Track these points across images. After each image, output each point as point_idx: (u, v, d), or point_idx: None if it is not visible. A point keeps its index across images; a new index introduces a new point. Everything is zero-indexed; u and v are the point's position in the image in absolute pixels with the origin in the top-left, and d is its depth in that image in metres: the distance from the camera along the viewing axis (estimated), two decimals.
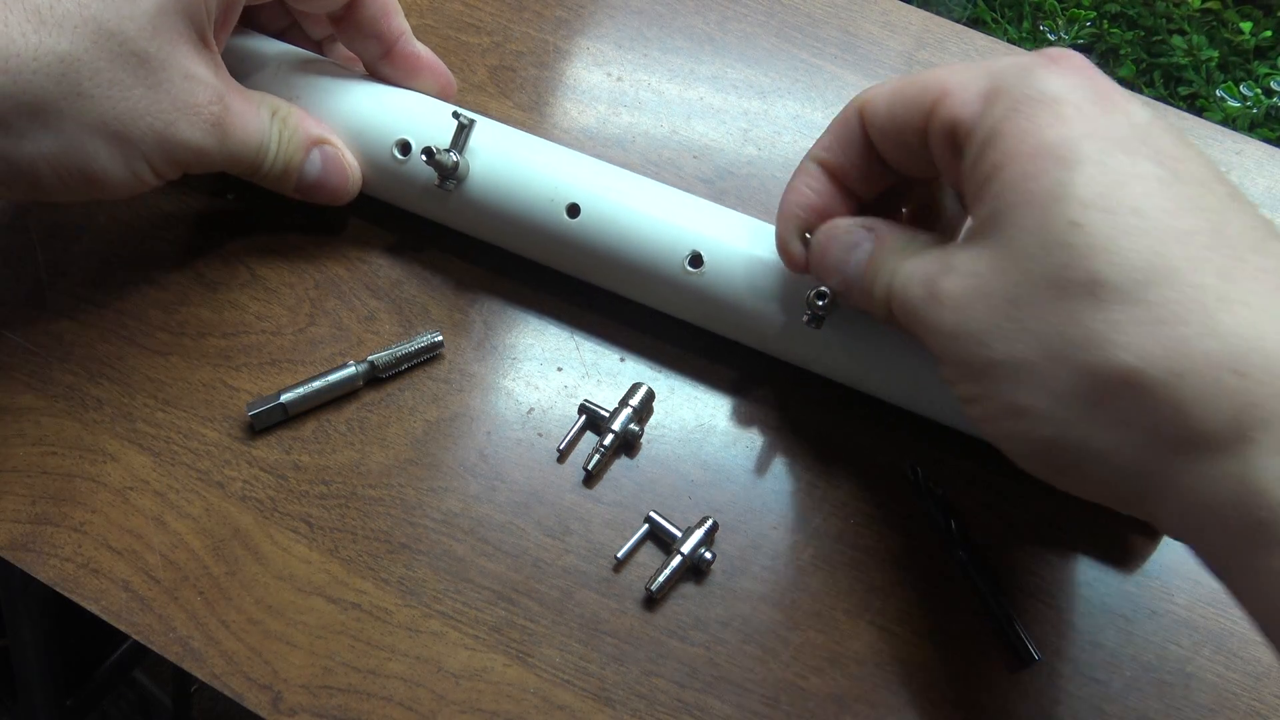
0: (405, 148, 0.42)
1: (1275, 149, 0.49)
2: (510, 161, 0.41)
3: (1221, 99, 1.45)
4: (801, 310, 0.38)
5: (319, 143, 0.42)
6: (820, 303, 0.37)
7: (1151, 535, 0.40)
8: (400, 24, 0.43)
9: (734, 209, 0.42)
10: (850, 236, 0.36)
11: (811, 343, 0.39)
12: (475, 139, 0.42)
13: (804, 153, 0.48)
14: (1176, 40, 1.50)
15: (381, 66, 0.44)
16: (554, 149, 0.42)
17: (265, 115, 0.40)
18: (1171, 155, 0.30)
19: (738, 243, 0.40)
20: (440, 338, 0.42)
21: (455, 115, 0.41)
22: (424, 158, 0.40)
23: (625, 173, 0.42)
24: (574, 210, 0.41)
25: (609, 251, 0.41)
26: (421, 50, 0.44)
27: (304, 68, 0.44)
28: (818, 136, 0.38)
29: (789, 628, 0.38)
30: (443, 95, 0.44)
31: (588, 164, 0.42)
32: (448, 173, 0.41)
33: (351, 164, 0.42)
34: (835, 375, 0.41)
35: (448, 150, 0.40)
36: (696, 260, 0.40)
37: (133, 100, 0.35)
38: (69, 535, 0.39)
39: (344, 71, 0.44)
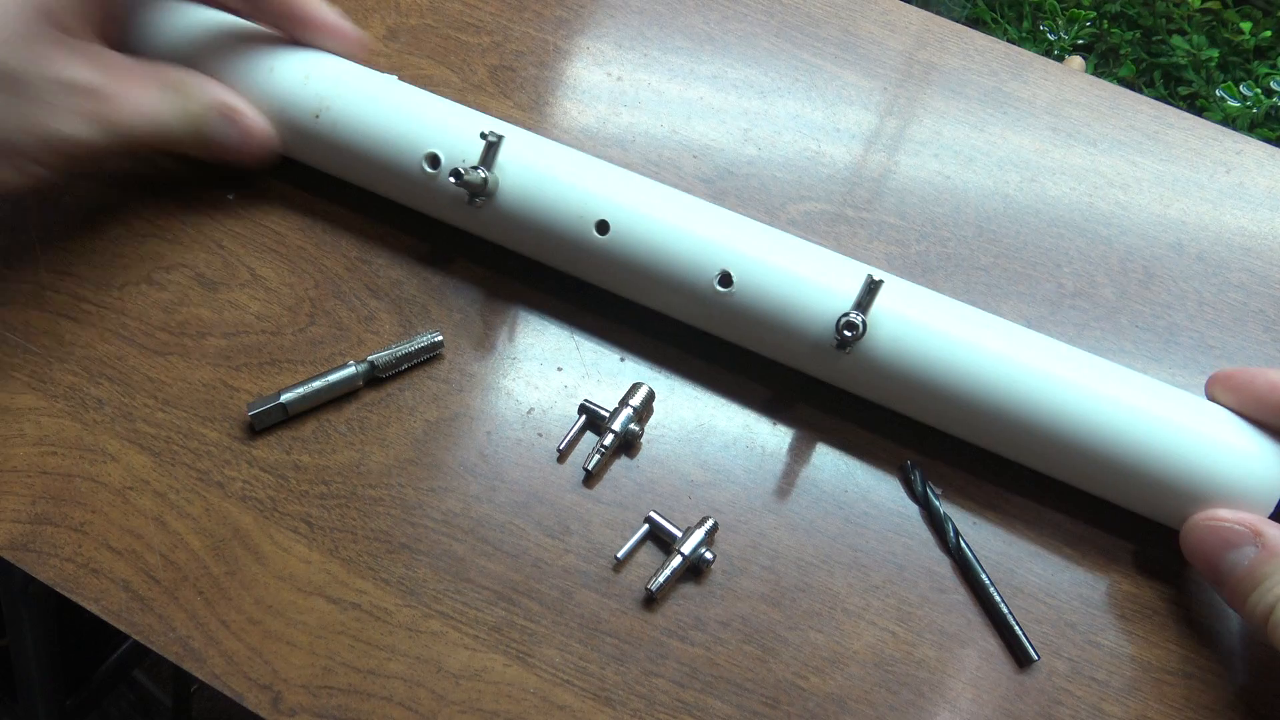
0: (434, 161, 0.42)
1: (1275, 149, 0.49)
2: (540, 176, 0.41)
3: (1221, 99, 1.45)
4: (831, 333, 0.38)
5: (222, 107, 0.42)
6: (849, 334, 0.37)
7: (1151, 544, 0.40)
8: None
9: (734, 209, 0.42)
10: (1232, 535, 0.36)
11: (839, 365, 0.39)
12: (505, 151, 0.41)
13: (804, 153, 0.48)
14: (1176, 40, 1.50)
15: (281, 25, 0.45)
16: (584, 161, 0.42)
17: (154, 92, 0.41)
18: None
19: (769, 261, 0.39)
20: (440, 338, 0.42)
21: (483, 135, 0.40)
22: (452, 180, 0.40)
23: (655, 185, 0.42)
24: (603, 227, 0.40)
25: (638, 269, 0.40)
26: (319, 9, 0.45)
27: (336, 77, 0.43)
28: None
29: (789, 628, 0.38)
30: (350, 56, 0.45)
31: (617, 177, 0.41)
32: (477, 190, 0.41)
33: (258, 123, 0.43)
34: (864, 394, 0.41)
35: (475, 168, 0.40)
36: (726, 280, 0.39)
37: (11, 116, 0.38)
38: (69, 535, 0.39)
39: (373, 80, 0.44)
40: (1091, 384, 0.38)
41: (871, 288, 0.37)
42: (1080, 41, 1.55)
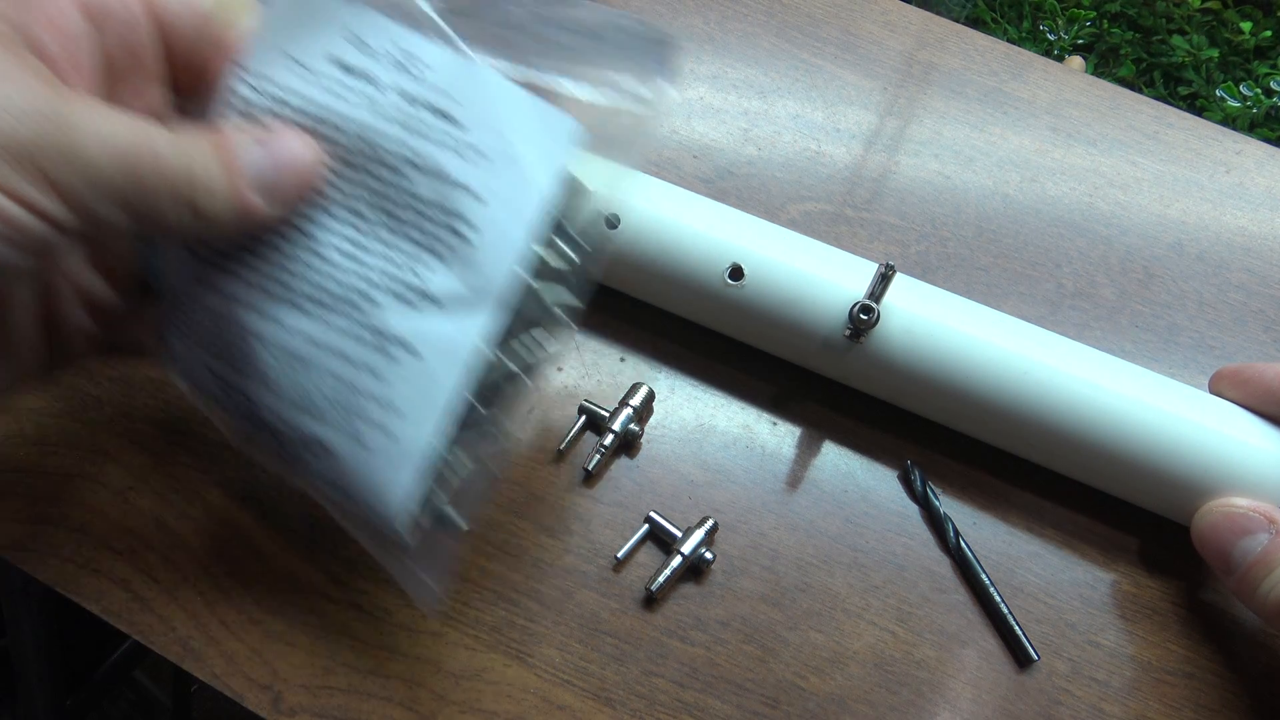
0: None
1: (1275, 149, 0.49)
2: None
3: (1221, 99, 1.45)
4: (842, 325, 0.38)
5: (236, 133, 0.29)
6: (864, 317, 0.37)
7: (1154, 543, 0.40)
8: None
9: (735, 209, 0.42)
10: (1246, 521, 0.36)
11: (851, 357, 0.39)
12: None
13: (804, 153, 0.48)
14: (1176, 40, 1.50)
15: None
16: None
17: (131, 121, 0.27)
18: None
19: (779, 255, 0.39)
20: None
21: None
22: None
23: (664, 184, 0.42)
24: (613, 222, 0.40)
25: (648, 263, 0.40)
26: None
27: None
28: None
29: (789, 628, 0.38)
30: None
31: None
32: None
33: (301, 136, 0.30)
34: (872, 390, 0.41)
35: None
36: (737, 273, 0.40)
37: None
38: (69, 535, 0.39)
39: None
40: (1102, 379, 0.38)
41: (885, 276, 0.37)
42: (1080, 41, 1.55)
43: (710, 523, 0.39)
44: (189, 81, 0.32)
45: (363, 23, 0.31)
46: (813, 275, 0.39)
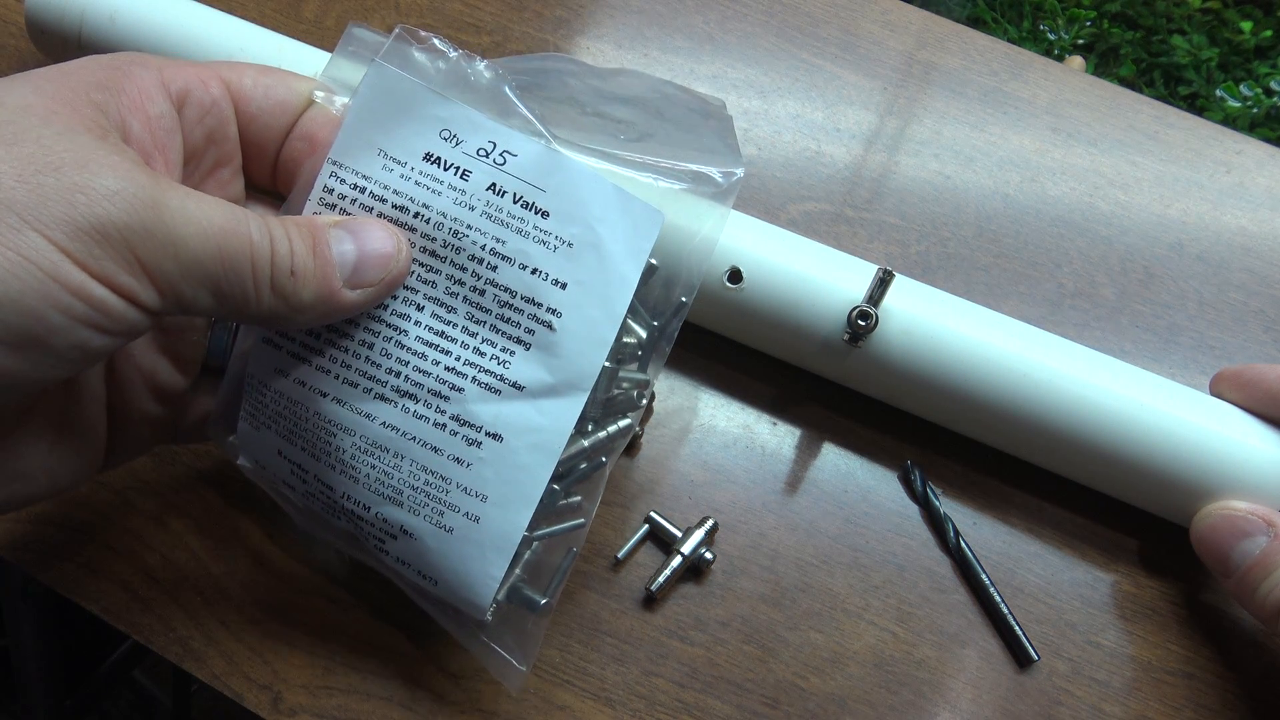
0: None
1: (1275, 149, 0.49)
2: None
3: (1221, 99, 1.45)
4: (841, 328, 0.38)
5: (325, 223, 0.30)
6: (862, 323, 0.37)
7: (1152, 541, 0.40)
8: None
9: (734, 209, 0.42)
10: (1245, 523, 0.36)
11: (850, 360, 0.39)
12: None
13: (804, 153, 0.48)
14: (1176, 40, 1.50)
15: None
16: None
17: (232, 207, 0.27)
18: None
19: (778, 258, 0.39)
20: None
21: None
22: None
23: None
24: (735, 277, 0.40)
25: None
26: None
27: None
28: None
29: (789, 628, 0.38)
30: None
31: None
32: None
33: (387, 228, 0.30)
34: (872, 392, 0.41)
35: None
36: (736, 276, 0.39)
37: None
38: (69, 535, 0.39)
39: None
40: (1102, 380, 0.38)
41: (884, 280, 0.37)
42: (1080, 41, 1.55)
43: (710, 523, 0.39)
44: (266, 170, 0.33)
45: (453, 116, 0.31)
46: (812, 278, 0.39)
